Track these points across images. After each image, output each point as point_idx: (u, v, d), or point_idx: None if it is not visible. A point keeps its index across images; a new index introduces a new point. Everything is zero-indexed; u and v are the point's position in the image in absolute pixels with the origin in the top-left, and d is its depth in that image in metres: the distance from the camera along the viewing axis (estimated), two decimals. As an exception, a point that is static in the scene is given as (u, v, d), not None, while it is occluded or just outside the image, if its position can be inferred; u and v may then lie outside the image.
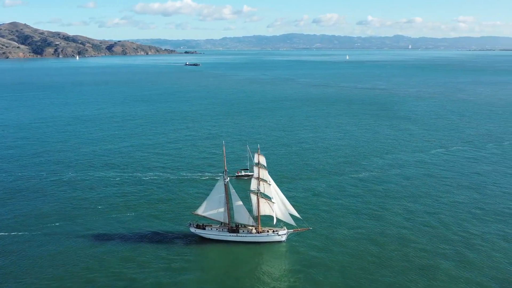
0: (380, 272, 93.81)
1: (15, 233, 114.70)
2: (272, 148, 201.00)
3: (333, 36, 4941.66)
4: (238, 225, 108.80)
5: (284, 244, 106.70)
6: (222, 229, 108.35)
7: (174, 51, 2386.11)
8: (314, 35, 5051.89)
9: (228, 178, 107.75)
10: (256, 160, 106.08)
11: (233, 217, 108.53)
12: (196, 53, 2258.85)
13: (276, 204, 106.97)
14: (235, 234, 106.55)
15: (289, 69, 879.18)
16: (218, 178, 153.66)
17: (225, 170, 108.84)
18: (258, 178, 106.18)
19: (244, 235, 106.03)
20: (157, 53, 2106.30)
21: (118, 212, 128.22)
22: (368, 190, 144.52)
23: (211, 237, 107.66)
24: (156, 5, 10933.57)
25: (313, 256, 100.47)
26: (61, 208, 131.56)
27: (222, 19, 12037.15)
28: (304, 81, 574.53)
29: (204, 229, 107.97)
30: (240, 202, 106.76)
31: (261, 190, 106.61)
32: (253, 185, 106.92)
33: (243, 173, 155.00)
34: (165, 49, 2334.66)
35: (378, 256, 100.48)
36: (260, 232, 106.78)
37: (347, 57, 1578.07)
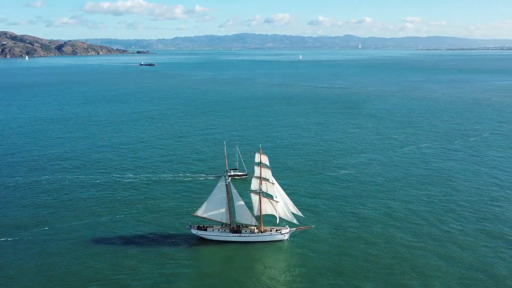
0: (376, 270, 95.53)
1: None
2: (248, 147, 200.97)
3: (285, 36, 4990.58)
4: (240, 225, 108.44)
5: (284, 243, 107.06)
6: (224, 230, 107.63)
7: (126, 51, 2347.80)
8: (266, 34, 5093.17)
9: (230, 179, 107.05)
10: (257, 160, 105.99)
11: (235, 217, 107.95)
12: (149, 53, 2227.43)
13: (279, 203, 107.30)
14: (238, 235, 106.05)
15: (245, 69, 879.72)
16: (210, 178, 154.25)
17: (227, 171, 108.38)
18: (260, 178, 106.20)
19: (247, 235, 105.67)
20: (109, 53, 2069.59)
21: (102, 215, 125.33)
22: (350, 189, 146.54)
23: (213, 238, 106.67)
24: (106, 4, 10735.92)
25: (311, 255, 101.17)
26: (42, 212, 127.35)
27: (174, 18, 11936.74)
28: (264, 81, 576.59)
29: (206, 230, 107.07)
30: (242, 202, 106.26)
31: (263, 189, 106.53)
32: (254, 184, 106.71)
33: (232, 173, 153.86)
34: (116, 49, 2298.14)
35: (371, 254, 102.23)
36: (263, 232, 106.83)
37: (300, 57, 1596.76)
